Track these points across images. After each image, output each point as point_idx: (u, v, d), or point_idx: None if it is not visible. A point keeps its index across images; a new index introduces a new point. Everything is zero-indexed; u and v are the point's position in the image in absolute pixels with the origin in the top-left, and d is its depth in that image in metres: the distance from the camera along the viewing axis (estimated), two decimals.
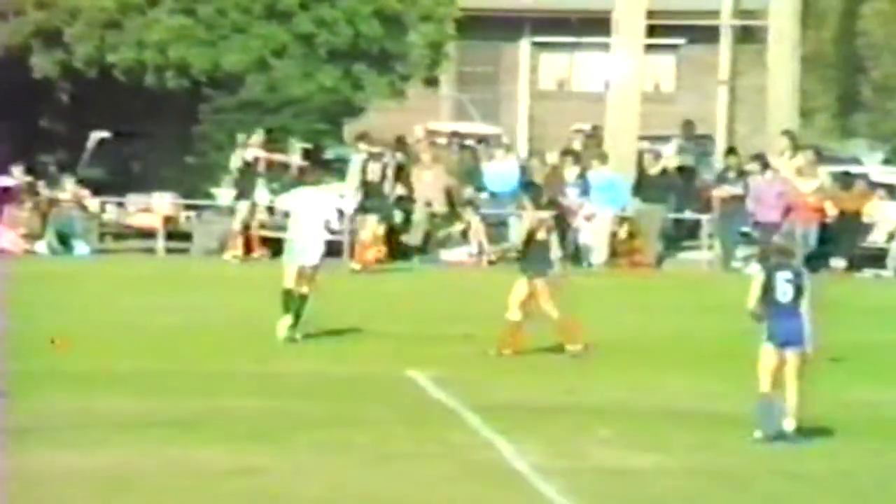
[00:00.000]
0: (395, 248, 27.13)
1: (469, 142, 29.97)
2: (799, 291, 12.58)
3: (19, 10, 29.84)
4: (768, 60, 31.22)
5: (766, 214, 26.41)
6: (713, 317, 19.41)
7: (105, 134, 30.31)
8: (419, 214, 27.87)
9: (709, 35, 35.86)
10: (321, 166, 28.07)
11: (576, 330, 16.72)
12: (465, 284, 24.42)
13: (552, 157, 28.89)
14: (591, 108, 32.53)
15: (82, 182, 28.10)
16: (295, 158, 28.15)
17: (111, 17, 29.82)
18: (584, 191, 27.42)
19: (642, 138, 29.81)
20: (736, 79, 35.20)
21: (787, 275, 12.61)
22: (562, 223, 21.70)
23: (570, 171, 27.69)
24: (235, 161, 27.42)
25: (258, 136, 27.43)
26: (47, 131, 30.88)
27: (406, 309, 20.68)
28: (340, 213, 19.89)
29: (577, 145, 29.42)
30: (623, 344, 17.66)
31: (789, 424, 12.53)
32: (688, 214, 28.79)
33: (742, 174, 27.62)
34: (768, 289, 12.64)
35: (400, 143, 28.95)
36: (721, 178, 28.24)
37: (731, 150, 29.60)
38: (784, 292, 12.55)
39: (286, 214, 25.75)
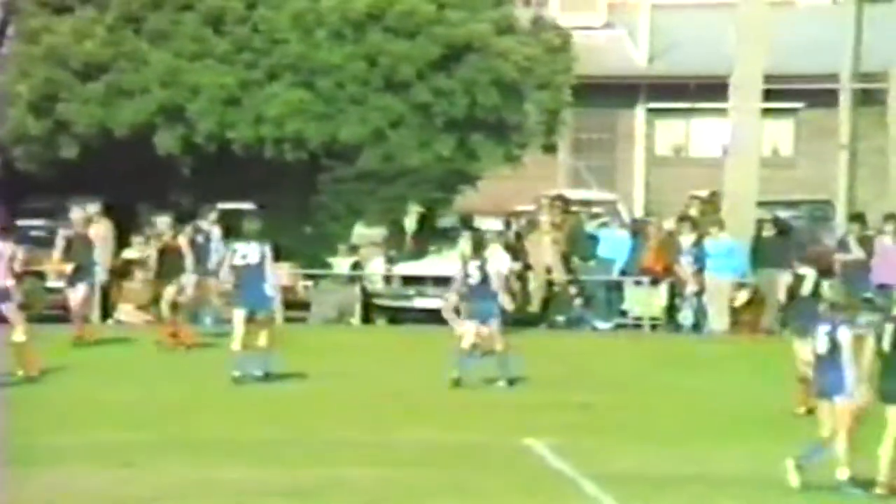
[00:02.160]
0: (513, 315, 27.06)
1: (576, 208, 29.87)
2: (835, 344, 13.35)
3: (145, 88, 30.40)
4: (889, 122, 30.82)
5: (891, 276, 25.92)
6: None
7: (226, 206, 30.68)
8: (537, 282, 27.80)
9: (828, 98, 35.53)
10: (435, 234, 28.24)
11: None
12: (582, 351, 24.27)
13: (668, 224, 28.72)
14: (708, 174, 32.33)
15: None
16: (409, 223, 28.35)
17: (231, 93, 30.27)
18: (699, 258, 27.20)
19: (761, 204, 29.53)
20: (856, 142, 34.81)
21: (827, 327, 13.47)
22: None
23: (686, 238, 27.49)
24: (355, 233, 27.68)
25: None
26: (172, 204, 31.31)
27: (523, 376, 20.57)
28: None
29: (693, 212, 29.21)
30: (746, 413, 17.39)
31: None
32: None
33: (865, 239, 27.21)
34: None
35: (515, 214, 28.98)
36: (842, 244, 27.84)
37: (856, 216, 29.19)
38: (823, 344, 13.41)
39: (405, 281, 25.83)
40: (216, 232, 24.69)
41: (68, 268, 23.42)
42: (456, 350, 19.52)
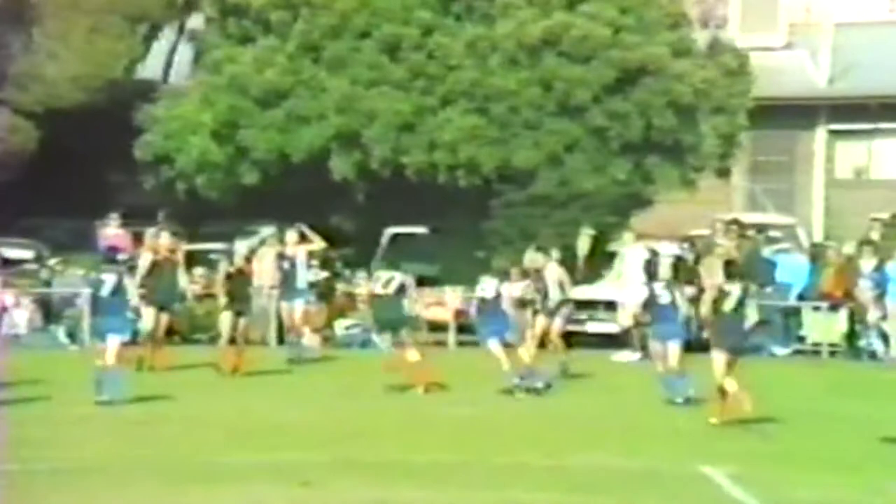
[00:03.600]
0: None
1: (752, 232, 29.48)
2: None
3: (322, 115, 30.83)
4: None
5: None
6: None
7: (398, 230, 30.93)
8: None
9: None
10: (605, 257, 28.10)
11: None
12: (761, 378, 23.90)
13: (848, 248, 28.18)
14: (891, 196, 31.75)
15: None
16: (582, 246, 28.28)
17: (406, 119, 30.53)
18: (880, 283, 26.63)
19: None
20: None
21: None
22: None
23: (867, 263, 26.94)
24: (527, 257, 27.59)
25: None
26: (339, 229, 31.69)
27: (699, 402, 20.33)
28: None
29: (874, 235, 28.62)
30: None
31: None
32: None
33: None
34: None
35: (690, 238, 28.70)
36: None
37: None
38: None
39: (577, 305, 25.74)
40: (301, 256, 24.83)
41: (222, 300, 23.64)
42: (659, 376, 19.66)
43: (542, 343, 26.36)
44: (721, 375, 17.92)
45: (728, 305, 18.03)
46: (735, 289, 18.18)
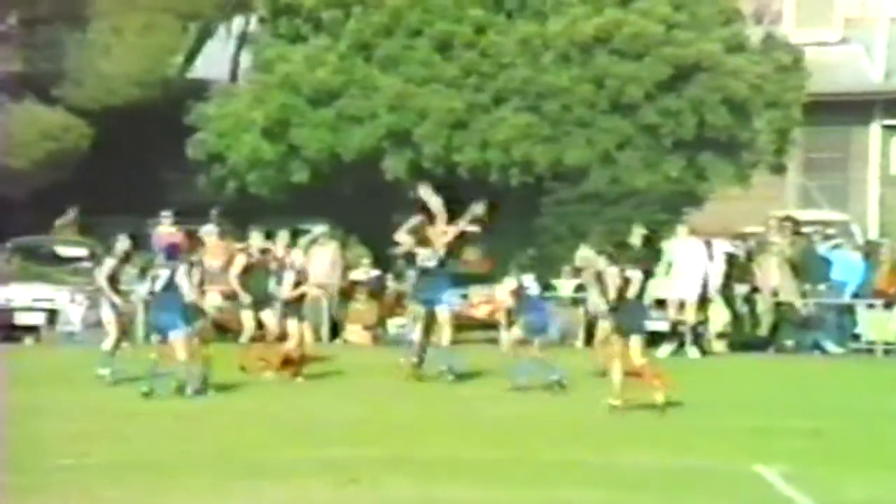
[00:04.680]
0: (740, 339, 26.68)
1: (808, 229, 29.25)
2: None
3: (373, 113, 30.83)
4: None
5: None
6: None
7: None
8: (765, 304, 27.30)
9: None
10: (657, 255, 27.91)
11: None
12: (815, 376, 23.75)
13: None
14: None
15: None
16: (635, 240, 28.08)
17: (458, 117, 30.48)
18: None
19: None
20: None
21: None
22: None
23: None
24: (579, 255, 27.50)
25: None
26: (397, 228, 31.65)
27: (752, 401, 20.20)
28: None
29: None
30: None
31: None
32: None
33: None
34: None
35: (744, 235, 28.52)
36: None
37: None
38: None
39: None
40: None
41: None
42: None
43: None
44: (621, 359, 18.32)
45: (631, 292, 18.42)
46: (637, 274, 18.52)
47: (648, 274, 19.06)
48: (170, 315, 19.52)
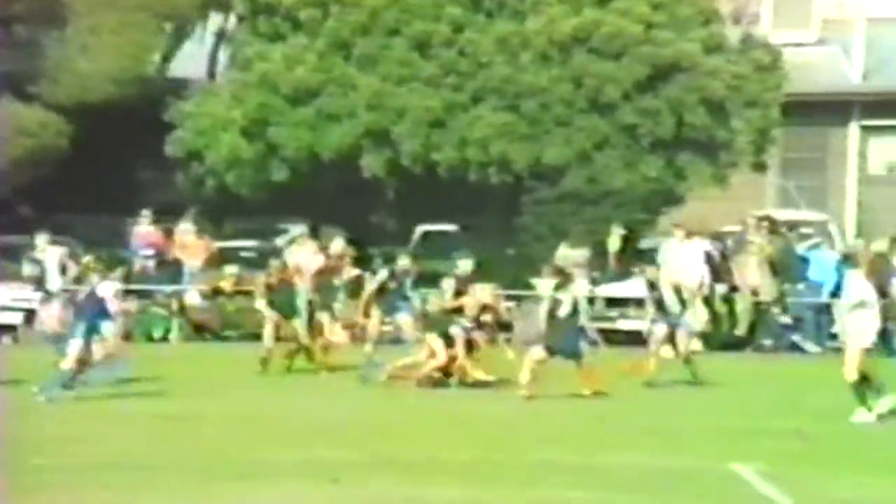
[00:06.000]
0: (719, 338, 26.74)
1: (783, 229, 29.34)
2: None
3: (352, 112, 30.83)
4: None
5: None
6: None
7: (429, 227, 30.91)
8: (744, 303, 27.38)
9: None
10: (636, 255, 27.99)
11: None
12: (793, 376, 23.81)
13: (880, 245, 28.01)
14: None
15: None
16: (613, 244, 28.17)
17: (437, 116, 30.50)
18: None
19: None
20: None
21: None
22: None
23: None
24: (558, 254, 27.56)
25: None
26: (376, 227, 31.69)
27: (731, 401, 20.26)
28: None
29: None
30: None
31: None
32: None
33: None
34: None
35: (721, 235, 28.60)
36: None
37: None
38: None
39: (608, 303, 25.65)
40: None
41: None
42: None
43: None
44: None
45: (562, 312, 19.47)
46: (567, 297, 19.47)
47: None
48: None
